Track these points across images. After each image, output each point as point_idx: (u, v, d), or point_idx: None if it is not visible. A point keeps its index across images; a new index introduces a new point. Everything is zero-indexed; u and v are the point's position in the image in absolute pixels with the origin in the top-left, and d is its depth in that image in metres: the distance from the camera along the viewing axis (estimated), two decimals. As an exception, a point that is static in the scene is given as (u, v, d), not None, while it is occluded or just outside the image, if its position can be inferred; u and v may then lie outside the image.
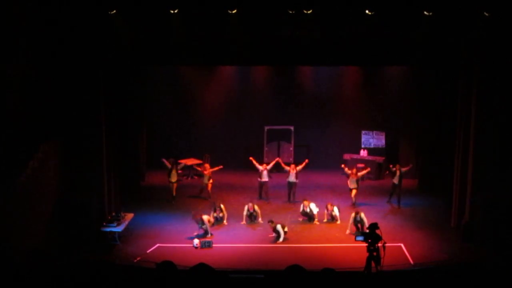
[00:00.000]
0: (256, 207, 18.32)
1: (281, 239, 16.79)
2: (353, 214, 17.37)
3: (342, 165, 20.68)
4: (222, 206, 18.34)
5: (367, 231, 12.26)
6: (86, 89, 16.45)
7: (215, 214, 18.07)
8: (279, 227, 16.83)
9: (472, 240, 16.56)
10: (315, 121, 24.34)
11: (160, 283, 8.14)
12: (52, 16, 15.64)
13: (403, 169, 19.65)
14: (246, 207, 18.23)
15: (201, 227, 17.08)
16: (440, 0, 15.90)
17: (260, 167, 20.10)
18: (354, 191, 19.62)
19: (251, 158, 20.47)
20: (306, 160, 20.05)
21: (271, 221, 16.99)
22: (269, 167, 20.22)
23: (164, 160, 20.06)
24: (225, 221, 18.20)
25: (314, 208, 18.36)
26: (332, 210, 18.27)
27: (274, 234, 16.89)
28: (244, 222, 18.13)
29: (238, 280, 9.33)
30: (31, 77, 15.47)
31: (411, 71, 22.24)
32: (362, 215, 17.24)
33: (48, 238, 15.47)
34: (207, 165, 20.80)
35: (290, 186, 19.92)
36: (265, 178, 20.09)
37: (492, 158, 16.49)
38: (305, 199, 18.53)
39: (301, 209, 18.49)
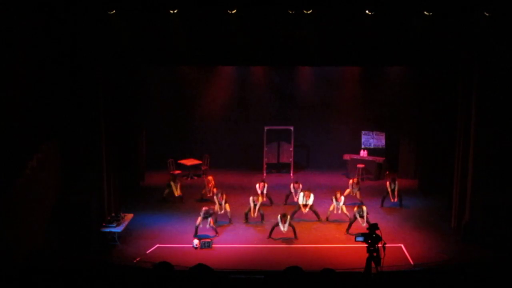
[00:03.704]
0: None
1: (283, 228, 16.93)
2: (355, 209, 17.49)
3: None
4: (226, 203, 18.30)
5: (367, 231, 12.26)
6: (86, 89, 16.43)
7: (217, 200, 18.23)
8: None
9: (472, 241, 16.53)
10: (315, 121, 24.32)
11: (160, 284, 8.12)
12: (51, 16, 15.62)
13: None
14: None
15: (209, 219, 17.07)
16: (440, 0, 15.89)
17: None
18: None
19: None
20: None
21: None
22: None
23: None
24: (228, 214, 18.23)
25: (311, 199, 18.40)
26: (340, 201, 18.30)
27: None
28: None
29: (237, 281, 9.32)
30: (30, 77, 15.45)
31: (411, 71, 22.21)
32: (364, 208, 17.48)
33: (48, 239, 15.44)
34: (210, 178, 20.58)
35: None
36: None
37: (492, 158, 16.46)
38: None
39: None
